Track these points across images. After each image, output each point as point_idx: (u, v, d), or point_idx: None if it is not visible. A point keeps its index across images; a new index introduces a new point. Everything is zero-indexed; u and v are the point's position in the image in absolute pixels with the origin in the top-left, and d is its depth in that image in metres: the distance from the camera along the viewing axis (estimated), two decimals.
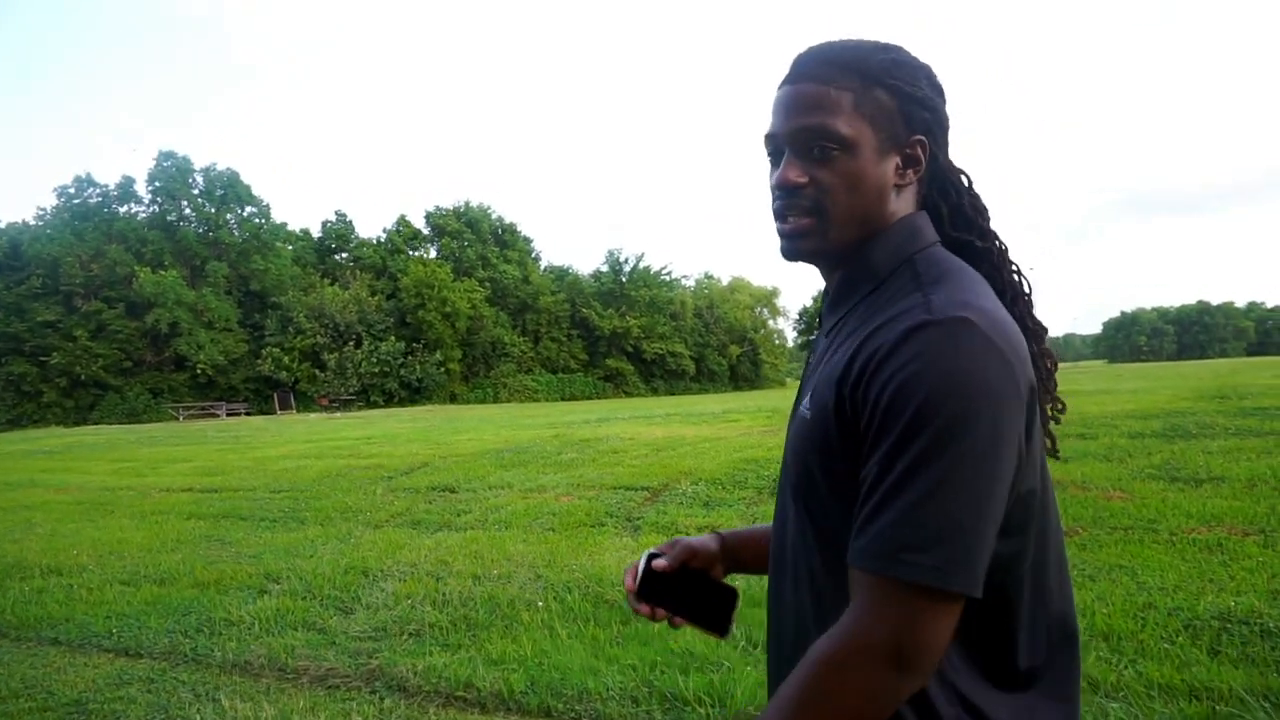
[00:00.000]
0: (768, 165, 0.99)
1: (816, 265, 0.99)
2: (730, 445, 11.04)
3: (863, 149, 0.90)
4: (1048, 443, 0.98)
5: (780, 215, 0.95)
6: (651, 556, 1.14)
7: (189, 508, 9.25)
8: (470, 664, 3.71)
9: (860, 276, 0.94)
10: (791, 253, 0.96)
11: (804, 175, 0.91)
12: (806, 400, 0.93)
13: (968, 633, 0.83)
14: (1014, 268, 1.00)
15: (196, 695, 3.65)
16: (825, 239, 0.93)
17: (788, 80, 0.95)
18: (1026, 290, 1.00)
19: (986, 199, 1.02)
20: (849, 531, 0.82)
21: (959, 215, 0.99)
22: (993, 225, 1.01)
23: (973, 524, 0.76)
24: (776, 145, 0.95)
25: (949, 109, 0.98)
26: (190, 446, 19.08)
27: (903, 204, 0.94)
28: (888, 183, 0.92)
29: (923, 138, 0.93)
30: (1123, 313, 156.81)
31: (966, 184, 1.00)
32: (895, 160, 0.92)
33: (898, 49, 0.95)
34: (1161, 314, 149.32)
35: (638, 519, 6.98)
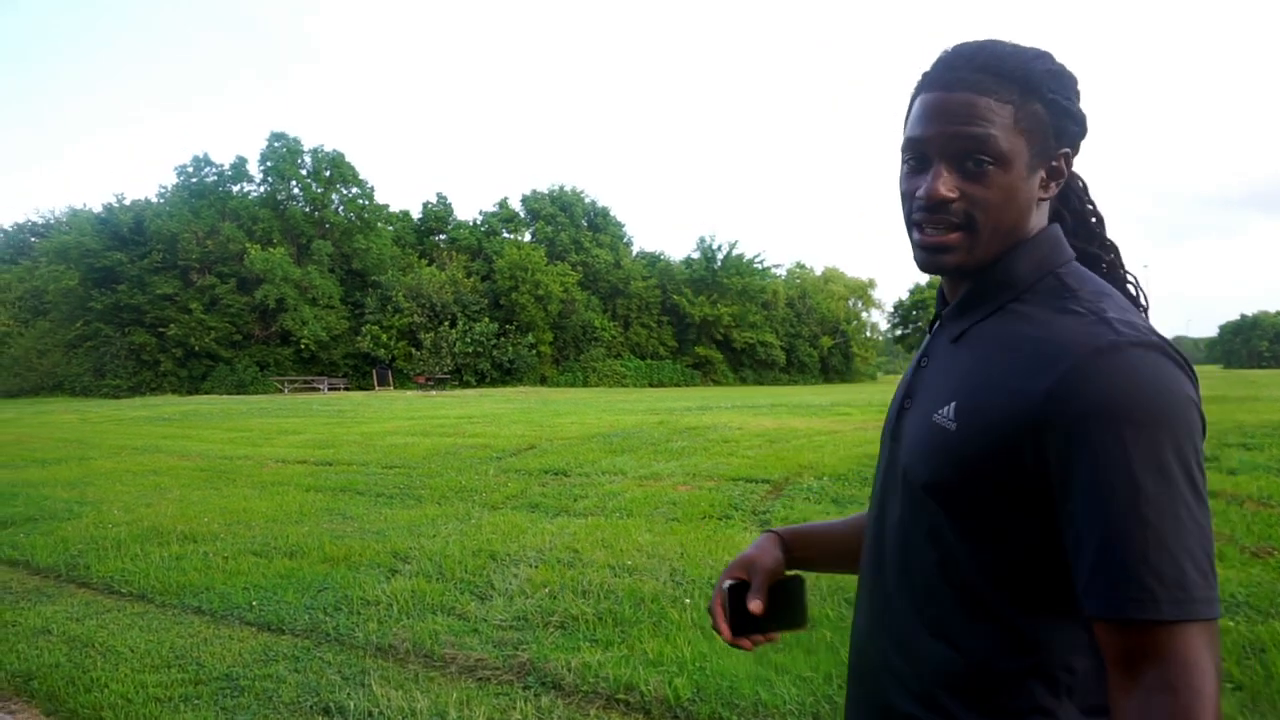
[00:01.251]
0: (901, 169, 0.95)
1: (964, 276, 0.95)
2: (847, 440, 10.61)
3: (1017, 165, 0.87)
4: None
5: (919, 226, 0.91)
6: (733, 589, 1.11)
7: (306, 480, 9.38)
8: (627, 664, 3.49)
9: (999, 285, 0.91)
10: (932, 266, 0.92)
11: (955, 190, 0.88)
12: (948, 410, 0.88)
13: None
14: (1130, 278, 0.99)
15: (344, 678, 3.54)
16: (971, 254, 0.89)
17: (938, 85, 0.90)
18: (1144, 302, 0.98)
19: (1098, 193, 1.01)
20: (986, 547, 0.84)
21: (1081, 224, 0.99)
22: (1109, 234, 1.01)
23: (1211, 549, 0.75)
24: (922, 152, 0.90)
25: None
26: (298, 419, 19.63)
27: (1041, 215, 0.93)
28: (1034, 197, 0.90)
29: (1069, 150, 0.92)
30: (1243, 315, 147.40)
31: (1084, 188, 1.00)
32: (1042, 174, 0.90)
33: (1051, 57, 0.91)
34: None
35: (764, 513, 6.68)
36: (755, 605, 1.07)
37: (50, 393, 39.89)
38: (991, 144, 0.85)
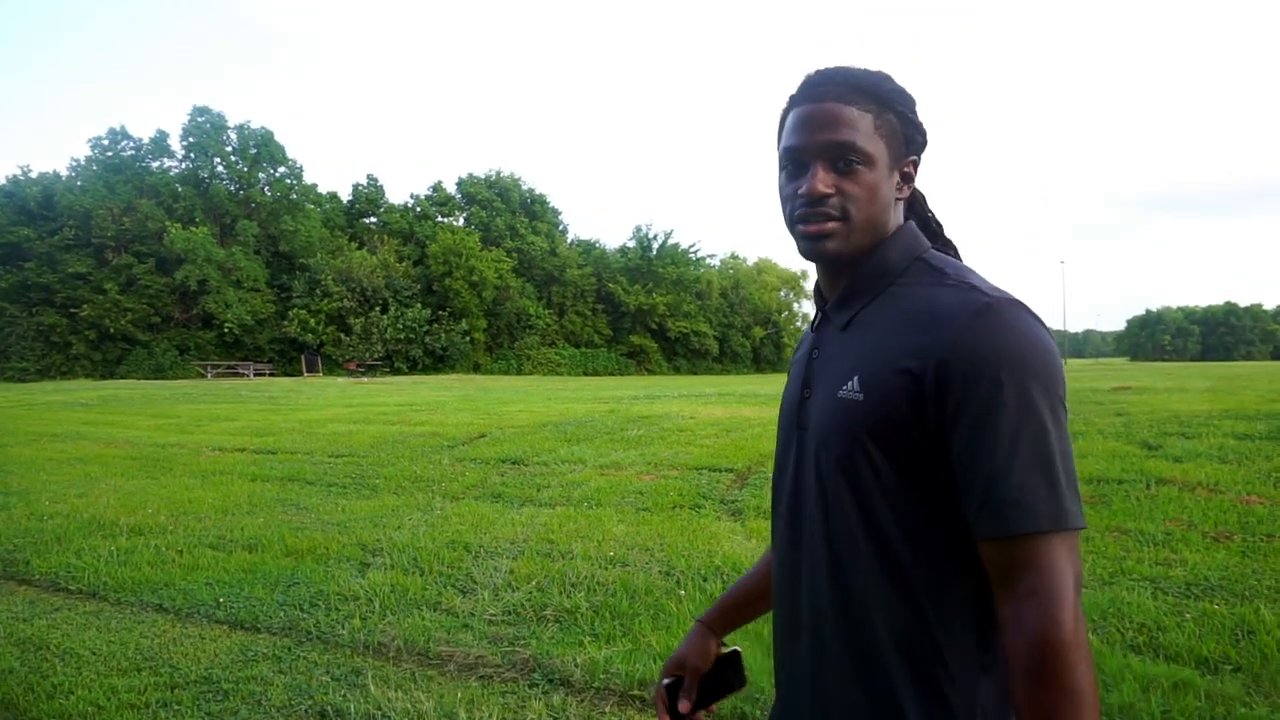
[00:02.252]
0: (779, 176, 1.06)
1: (829, 266, 1.06)
2: None
3: (879, 165, 1.00)
4: None
5: (803, 219, 1.01)
6: (669, 688, 1.27)
7: (249, 469, 9.00)
8: (633, 658, 3.39)
9: (875, 274, 1.02)
10: (814, 253, 1.02)
11: (831, 186, 0.99)
12: (853, 383, 0.96)
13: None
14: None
15: (335, 678, 3.35)
16: (848, 241, 1.00)
17: (808, 99, 1.02)
18: None
19: (1007, 191, 1.16)
20: (916, 504, 0.92)
21: (925, 227, 1.12)
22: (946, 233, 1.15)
23: (1074, 472, 0.87)
24: (799, 158, 1.02)
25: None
26: (227, 405, 18.90)
27: (899, 214, 1.05)
28: (892, 195, 1.02)
29: (916, 158, 1.06)
30: (1147, 310, 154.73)
31: (923, 199, 1.14)
32: (897, 177, 1.03)
33: (892, 78, 1.04)
34: (1187, 314, 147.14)
35: (734, 502, 6.64)
36: (683, 705, 1.24)
37: None
38: (858, 145, 0.98)
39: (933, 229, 1.12)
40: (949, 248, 1.12)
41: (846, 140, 0.98)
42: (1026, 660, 0.82)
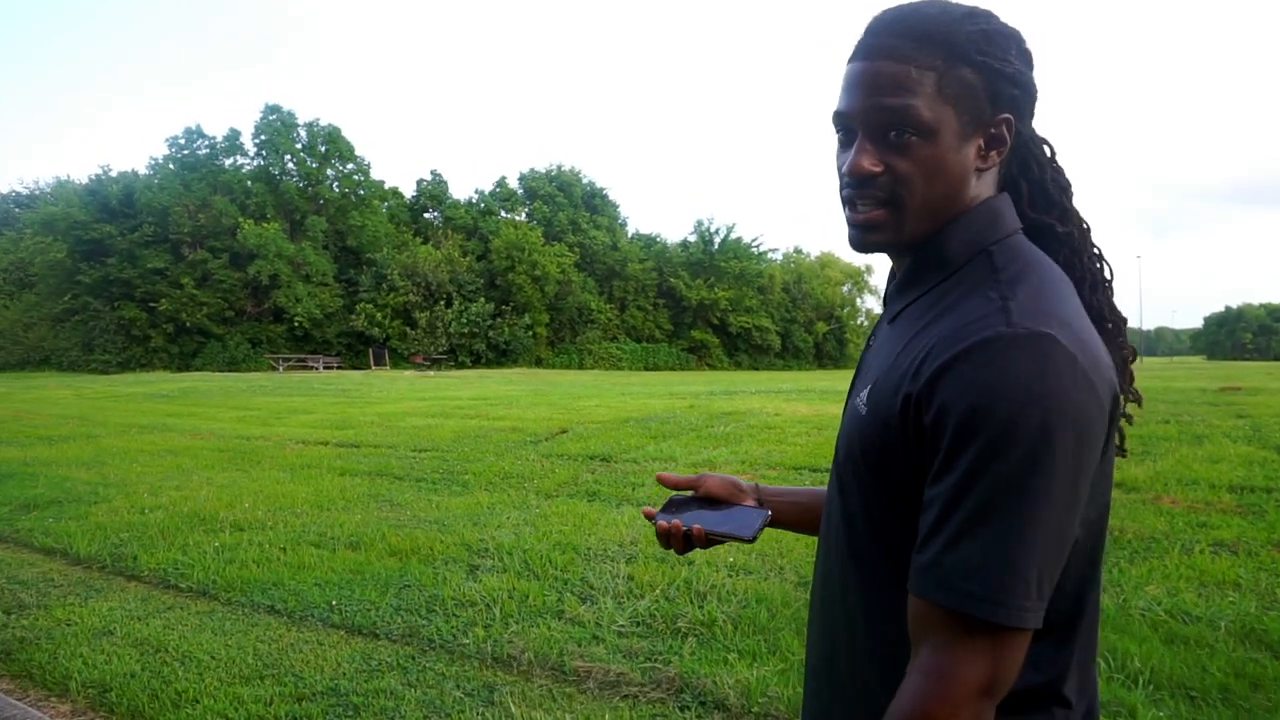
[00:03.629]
0: (835, 144, 0.91)
1: (899, 253, 0.92)
2: None
3: (944, 135, 0.82)
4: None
5: (850, 203, 0.87)
6: (674, 500, 1.16)
7: (336, 463, 8.93)
8: (788, 680, 3.10)
9: (931, 264, 0.87)
10: (861, 245, 0.89)
11: (879, 164, 0.83)
12: (864, 394, 0.87)
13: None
14: (1095, 251, 0.93)
15: (467, 694, 3.13)
16: (899, 232, 0.86)
17: (861, 53, 0.85)
18: (1107, 277, 0.93)
19: (1077, 185, 0.94)
20: (893, 532, 0.82)
21: (1040, 193, 0.91)
22: (1075, 204, 0.93)
23: (1053, 559, 0.73)
24: (847, 125, 0.86)
25: (1038, 75, 0.88)
26: (303, 398, 19.12)
27: (984, 186, 0.87)
28: (969, 168, 0.84)
29: (1009, 116, 0.85)
30: (1227, 308, 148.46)
31: (1049, 156, 0.92)
32: (978, 143, 0.84)
33: (986, 15, 0.84)
34: (1271, 311, 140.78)
35: None
36: (697, 528, 1.09)
37: (36, 367, 39.07)
38: (912, 115, 0.81)
39: (1048, 197, 0.91)
40: (1068, 222, 0.91)
41: (897, 107, 0.81)
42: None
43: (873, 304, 68.74)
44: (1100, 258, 0.93)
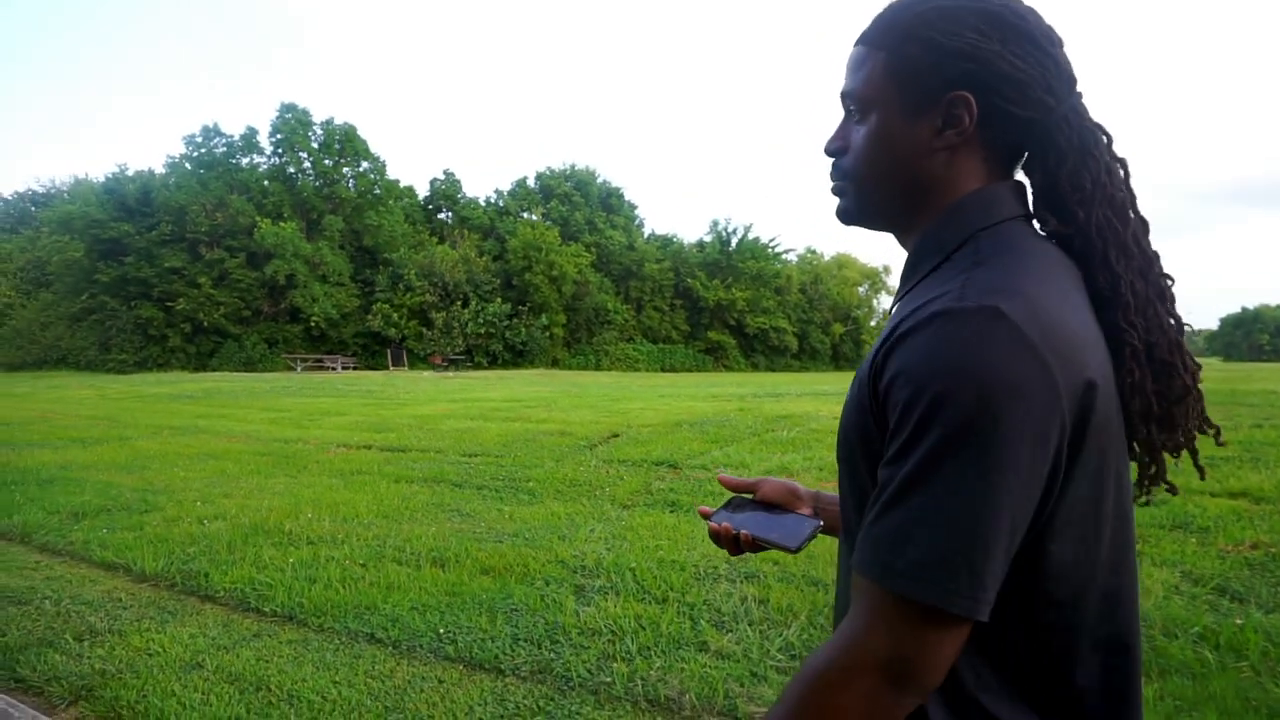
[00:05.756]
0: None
1: (877, 230, 0.94)
2: None
3: (885, 112, 0.85)
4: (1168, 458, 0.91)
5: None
6: (734, 501, 1.17)
7: (386, 468, 8.53)
8: None
9: (927, 250, 0.87)
10: (839, 216, 0.94)
11: (835, 141, 0.91)
12: (860, 372, 0.85)
13: (1009, 647, 0.77)
14: (1114, 270, 0.85)
15: None
16: (856, 203, 0.91)
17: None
18: (1127, 299, 0.84)
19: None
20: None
21: (1049, 189, 0.86)
22: (1099, 209, 0.85)
23: (985, 541, 0.69)
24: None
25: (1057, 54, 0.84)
26: (329, 399, 18.76)
27: (964, 171, 0.85)
28: (921, 145, 0.85)
29: (964, 94, 0.82)
30: (1243, 309, 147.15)
31: (1076, 147, 0.84)
32: (933, 121, 0.84)
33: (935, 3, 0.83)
34: None
35: None
36: (745, 536, 1.09)
37: (54, 366, 38.83)
38: (857, 93, 0.87)
39: (1058, 195, 0.85)
40: (1069, 219, 0.85)
41: (848, 88, 0.89)
42: (799, 676, 0.76)
43: (888, 304, 68.10)
44: (1119, 278, 0.85)
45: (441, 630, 3.73)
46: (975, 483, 0.68)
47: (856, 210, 0.91)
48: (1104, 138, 0.86)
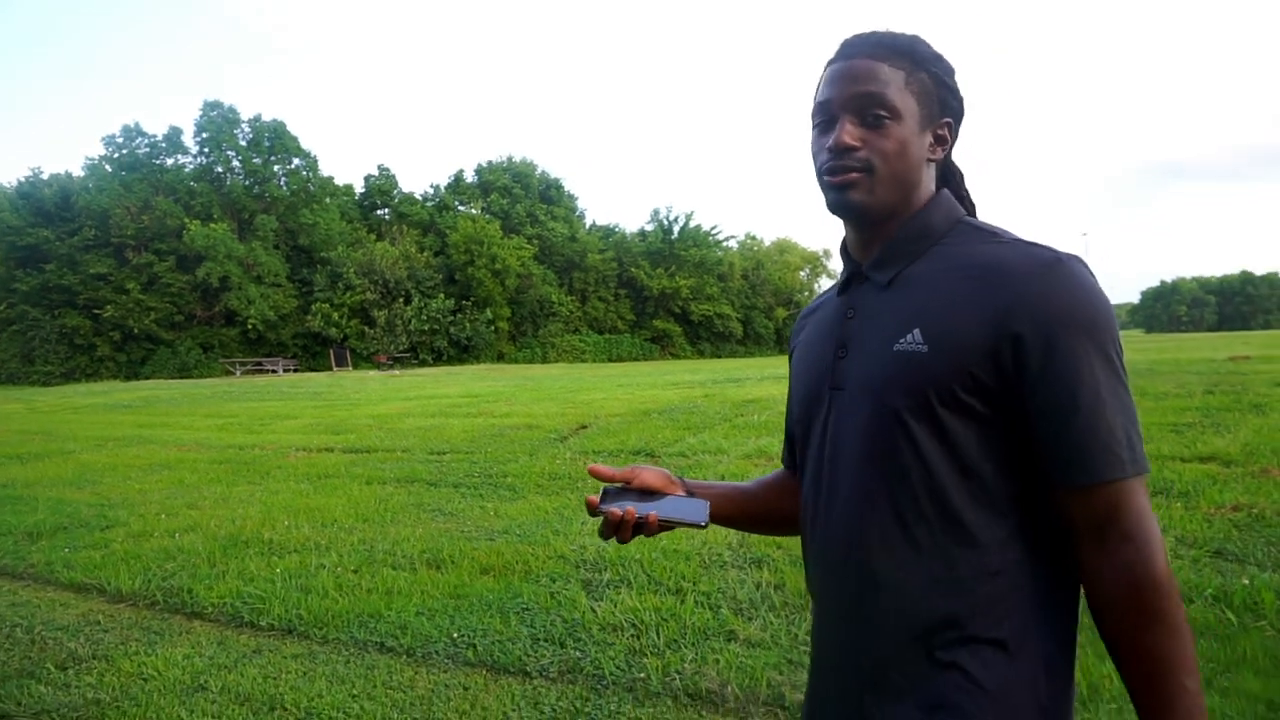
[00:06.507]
0: (811, 133, 1.06)
1: (857, 221, 1.03)
2: None
3: (909, 120, 0.99)
4: None
5: (829, 170, 1.00)
6: (608, 491, 1.15)
7: (354, 470, 8.27)
8: None
9: (917, 233, 1.01)
10: (840, 204, 1.01)
11: (857, 138, 0.98)
12: (914, 334, 0.94)
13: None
14: None
15: None
16: (872, 194, 0.99)
17: (842, 56, 1.02)
18: None
19: (1016, 167, 1.13)
20: (980, 456, 0.91)
21: (961, 202, 1.09)
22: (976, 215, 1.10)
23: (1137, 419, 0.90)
24: (829, 112, 1.01)
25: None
26: (277, 403, 18.19)
27: (929, 177, 1.04)
28: (923, 155, 1.01)
29: (950, 121, 1.04)
30: (1162, 282, 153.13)
31: (962, 176, 1.12)
32: (929, 137, 1.02)
33: (928, 43, 1.04)
34: (1202, 284, 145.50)
35: None
36: (651, 516, 1.09)
37: None
38: (887, 98, 0.98)
39: (966, 206, 1.09)
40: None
41: (875, 92, 0.98)
42: (1129, 601, 0.85)
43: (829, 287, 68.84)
44: None
45: (455, 634, 3.59)
46: (1125, 379, 0.90)
47: (872, 200, 0.99)
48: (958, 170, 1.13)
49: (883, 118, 0.97)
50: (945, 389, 0.90)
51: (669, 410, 11.10)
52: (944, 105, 1.02)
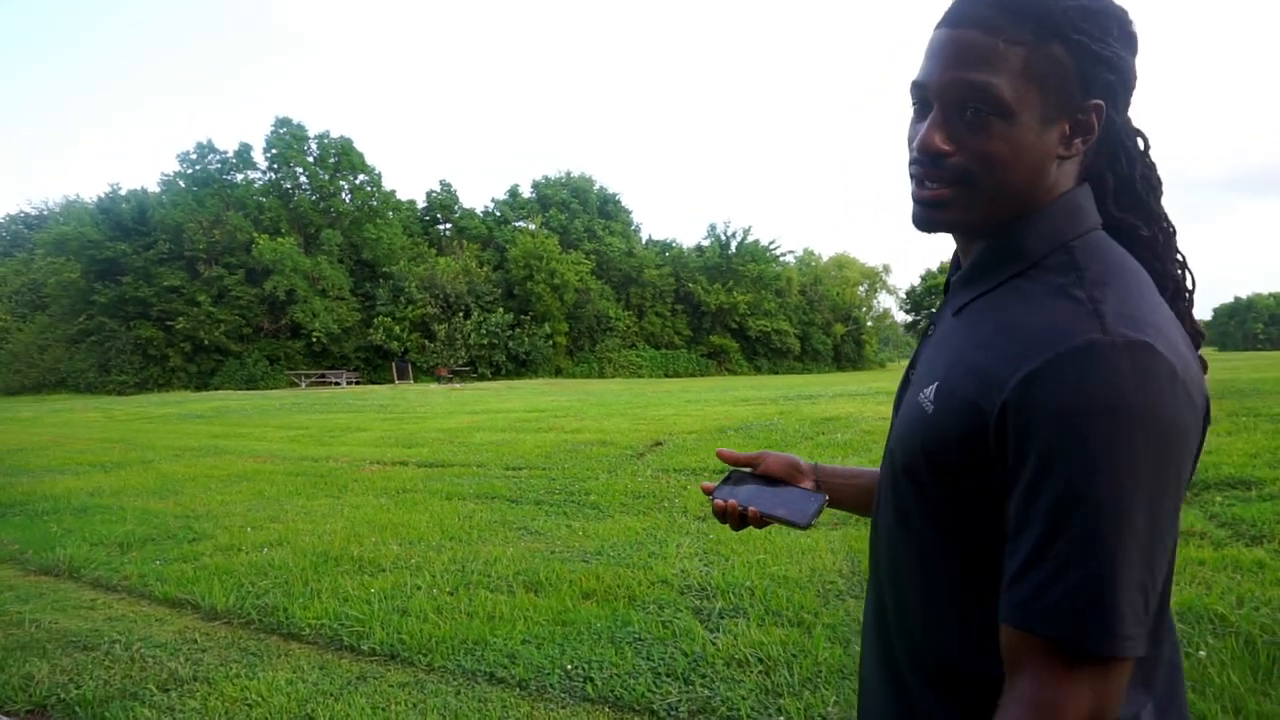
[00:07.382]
0: (910, 113, 0.84)
1: (968, 237, 0.86)
2: None
3: (1025, 117, 0.76)
4: None
5: (917, 180, 0.82)
6: (734, 474, 1.15)
7: (432, 485, 8.16)
8: None
9: (1006, 256, 0.81)
10: (926, 223, 0.83)
11: (950, 142, 0.78)
12: (930, 391, 0.81)
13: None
14: (1179, 258, 0.87)
15: None
16: (968, 212, 0.80)
17: (948, 20, 0.79)
18: (1189, 287, 0.86)
19: None
20: (950, 535, 0.79)
21: (1127, 190, 0.84)
22: (1162, 206, 0.86)
23: (1155, 583, 0.68)
24: (924, 96, 0.81)
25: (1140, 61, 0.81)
26: (345, 415, 18.35)
27: (1064, 175, 0.81)
28: (1050, 154, 0.78)
29: (1100, 102, 0.78)
30: (1237, 298, 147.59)
31: (1142, 150, 0.85)
32: (1063, 128, 0.78)
33: None
34: None
35: None
36: (752, 512, 1.07)
37: (53, 389, 38.33)
38: (992, 93, 0.75)
39: (1134, 195, 0.83)
40: (1154, 224, 0.84)
41: (977, 83, 0.75)
42: None
43: (889, 304, 67.97)
44: (1184, 265, 0.86)
45: (569, 666, 3.37)
46: (1147, 532, 0.66)
47: (968, 219, 0.81)
48: (1142, 139, 0.85)
49: (985, 114, 0.75)
50: (934, 458, 0.78)
51: (744, 428, 10.82)
52: (1089, 83, 0.77)
